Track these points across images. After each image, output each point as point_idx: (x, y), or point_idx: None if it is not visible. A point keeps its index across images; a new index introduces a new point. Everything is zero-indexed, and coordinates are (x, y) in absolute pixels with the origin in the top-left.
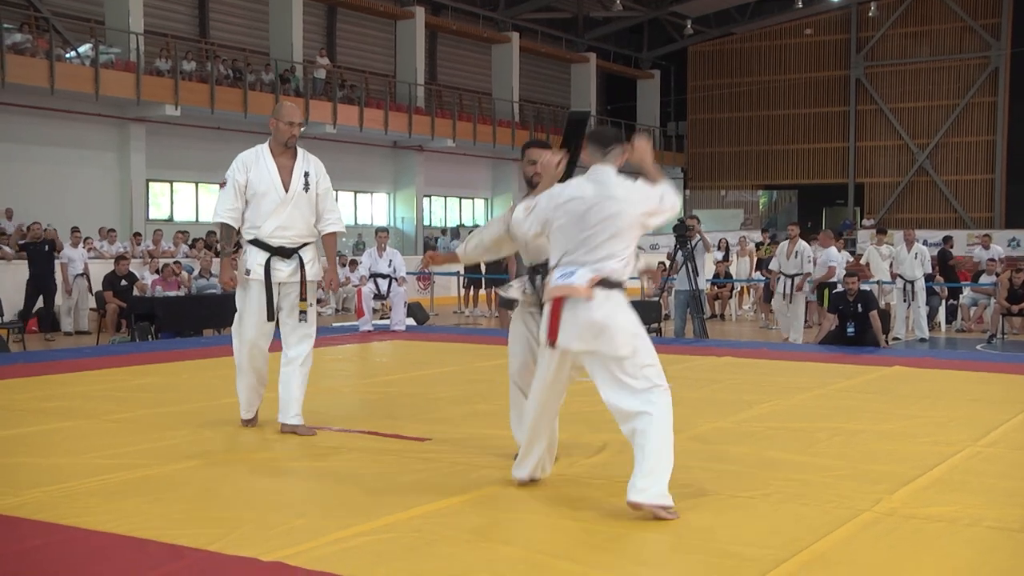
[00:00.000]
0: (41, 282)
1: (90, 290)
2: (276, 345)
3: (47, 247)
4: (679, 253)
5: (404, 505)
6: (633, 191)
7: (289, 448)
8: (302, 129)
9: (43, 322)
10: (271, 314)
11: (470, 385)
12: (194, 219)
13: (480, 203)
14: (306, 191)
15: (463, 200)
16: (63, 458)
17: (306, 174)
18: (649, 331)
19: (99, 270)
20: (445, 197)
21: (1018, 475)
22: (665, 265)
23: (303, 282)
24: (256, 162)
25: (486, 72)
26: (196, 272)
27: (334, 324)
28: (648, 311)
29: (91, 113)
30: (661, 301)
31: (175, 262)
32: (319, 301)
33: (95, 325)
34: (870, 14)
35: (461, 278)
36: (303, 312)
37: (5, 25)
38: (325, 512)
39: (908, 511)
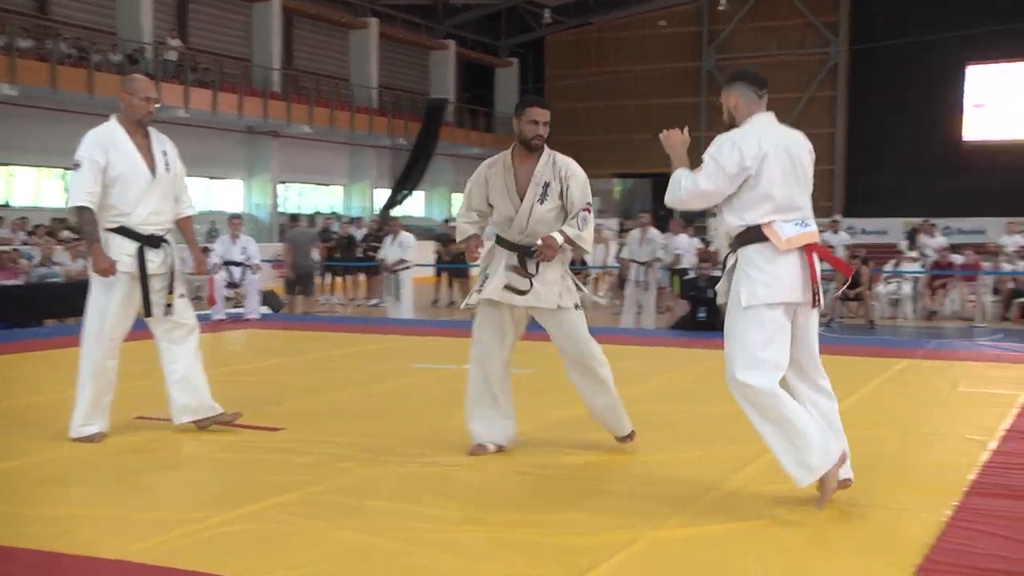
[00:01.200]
0: None
1: None
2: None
3: None
4: None
5: (257, 496)
6: None
7: (133, 441)
8: (157, 106)
9: None
10: (149, 309)
11: (325, 373)
12: (34, 204)
13: (337, 189)
14: (167, 172)
15: (320, 187)
16: None
17: (164, 153)
18: None
19: None
20: (301, 183)
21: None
22: None
23: (172, 272)
24: (112, 142)
25: (344, 58)
26: (36, 260)
27: None
28: None
29: None
30: None
31: (13, 249)
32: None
33: None
34: (720, 7)
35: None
36: (169, 306)
37: None
38: (176, 504)
39: (752, 489)
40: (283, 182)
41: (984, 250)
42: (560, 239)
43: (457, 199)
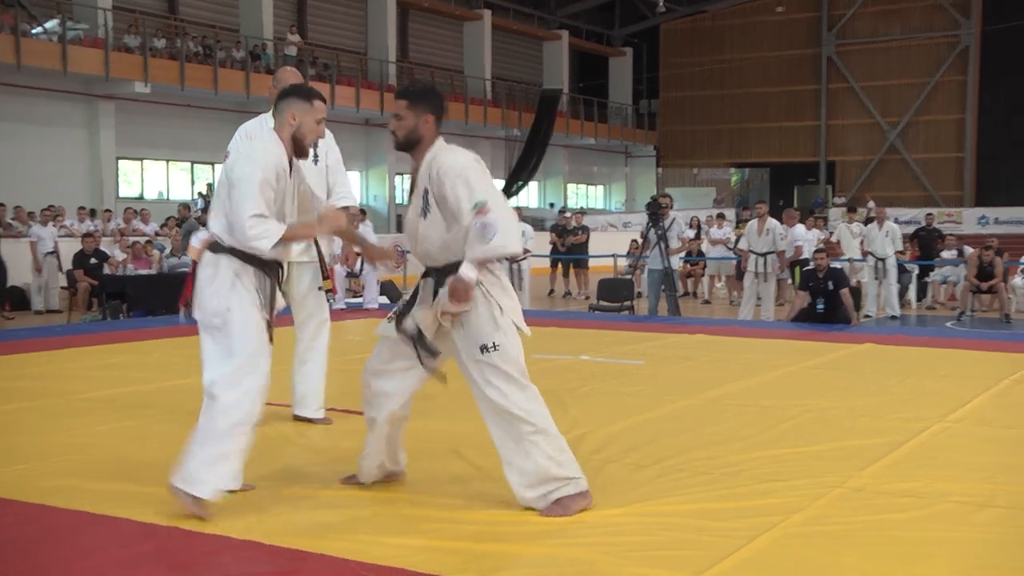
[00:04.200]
0: None
1: (60, 268)
2: None
3: None
4: (651, 231)
5: (380, 484)
6: None
7: (262, 425)
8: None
9: (12, 300)
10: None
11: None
12: (165, 197)
13: None
14: (316, 164)
15: None
16: (31, 437)
17: (314, 145)
18: (621, 309)
19: (71, 248)
20: None
21: (985, 450)
22: (637, 243)
23: (321, 261)
24: (260, 134)
25: (458, 50)
26: (168, 251)
27: None
28: (620, 289)
29: (59, 90)
30: (633, 279)
31: (147, 241)
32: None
33: (67, 304)
34: None
35: None
36: (328, 291)
37: None
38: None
39: (878, 487)
40: (400, 174)
41: None
42: (471, 276)
43: (572, 189)
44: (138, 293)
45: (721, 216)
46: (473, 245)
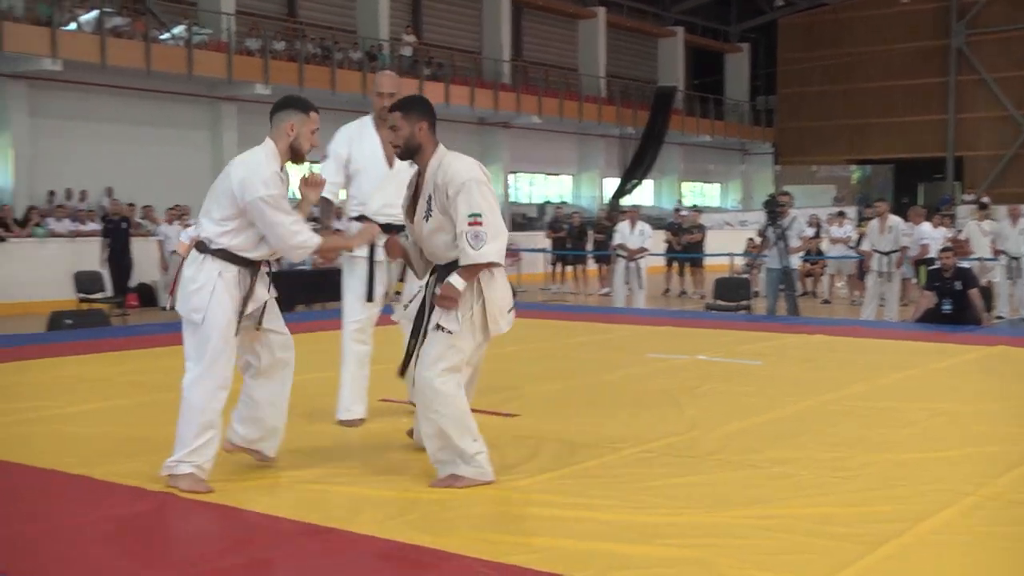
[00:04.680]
0: (118, 257)
1: None
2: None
3: (123, 224)
4: (769, 229)
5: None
6: None
7: (387, 420)
8: (393, 99)
9: (141, 296)
10: (370, 295)
11: (556, 362)
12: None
13: (567, 179)
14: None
15: (549, 176)
16: (154, 429)
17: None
18: (738, 309)
19: None
20: (532, 173)
21: None
22: (754, 241)
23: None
24: (360, 135)
25: (572, 48)
26: None
27: None
28: (737, 288)
29: (184, 93)
30: (750, 278)
31: None
32: None
33: None
34: None
35: (548, 255)
36: (397, 293)
37: (106, 9)
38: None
39: (1014, 496)
40: (513, 172)
41: None
42: (459, 285)
43: (687, 188)
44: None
45: (842, 214)
46: (464, 253)
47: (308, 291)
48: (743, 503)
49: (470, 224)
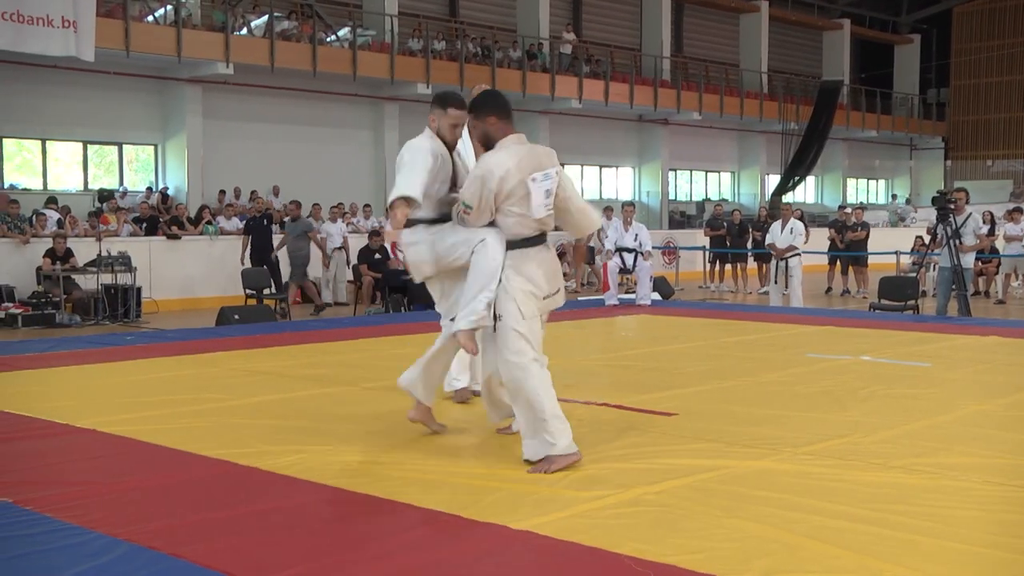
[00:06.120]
0: (260, 254)
1: (347, 263)
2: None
3: (265, 220)
4: (939, 227)
5: (651, 479)
6: None
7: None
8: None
9: (303, 293)
10: None
11: (715, 360)
12: None
13: (726, 176)
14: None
15: (709, 174)
16: (327, 423)
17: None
18: (904, 308)
19: (357, 244)
20: (691, 171)
21: None
22: (923, 239)
23: None
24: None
25: (733, 42)
26: None
27: (580, 298)
28: (904, 287)
29: (348, 93)
30: (919, 277)
31: None
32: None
33: (352, 297)
34: None
35: (707, 253)
36: None
37: (276, 14)
38: (573, 483)
39: None
40: (673, 169)
41: None
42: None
43: (851, 184)
44: (418, 287)
45: (1018, 211)
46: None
47: None
48: (904, 508)
49: (462, 212)
